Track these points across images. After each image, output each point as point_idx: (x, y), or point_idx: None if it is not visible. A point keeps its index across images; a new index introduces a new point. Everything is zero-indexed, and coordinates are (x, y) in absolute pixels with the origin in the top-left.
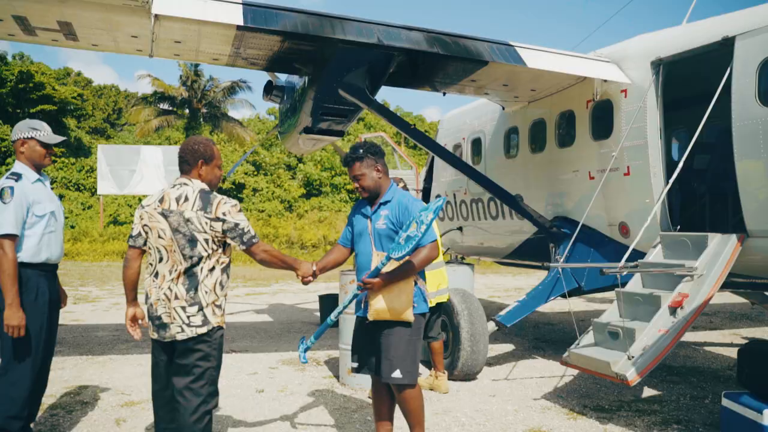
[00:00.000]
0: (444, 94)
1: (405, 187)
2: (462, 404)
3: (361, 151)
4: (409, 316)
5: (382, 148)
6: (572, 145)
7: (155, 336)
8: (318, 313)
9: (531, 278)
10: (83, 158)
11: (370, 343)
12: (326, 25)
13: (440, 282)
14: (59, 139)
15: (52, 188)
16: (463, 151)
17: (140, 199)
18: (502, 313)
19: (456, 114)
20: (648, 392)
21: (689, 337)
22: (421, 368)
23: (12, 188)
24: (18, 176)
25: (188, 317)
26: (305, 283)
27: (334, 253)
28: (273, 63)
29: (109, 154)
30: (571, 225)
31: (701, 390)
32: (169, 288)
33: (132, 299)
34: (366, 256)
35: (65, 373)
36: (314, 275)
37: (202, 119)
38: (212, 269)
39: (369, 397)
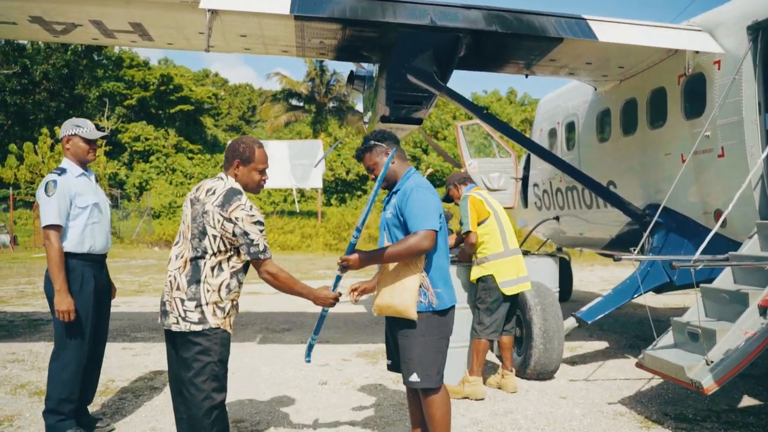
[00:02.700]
0: (527, 76)
1: (470, 179)
2: (527, 406)
3: (370, 141)
4: (410, 313)
5: (394, 133)
6: (664, 126)
7: (160, 321)
8: None
9: None
10: (218, 154)
11: (393, 341)
12: (377, 8)
13: (519, 270)
14: (100, 134)
15: (99, 182)
16: (557, 136)
17: (269, 193)
18: (584, 308)
19: (551, 97)
20: (748, 401)
21: None
22: (493, 365)
23: (55, 182)
24: (62, 171)
25: (185, 311)
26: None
27: None
28: (341, 52)
29: None
30: (665, 213)
31: None
32: (174, 276)
33: None
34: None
35: (147, 359)
36: (336, 300)
37: (327, 113)
38: (218, 268)
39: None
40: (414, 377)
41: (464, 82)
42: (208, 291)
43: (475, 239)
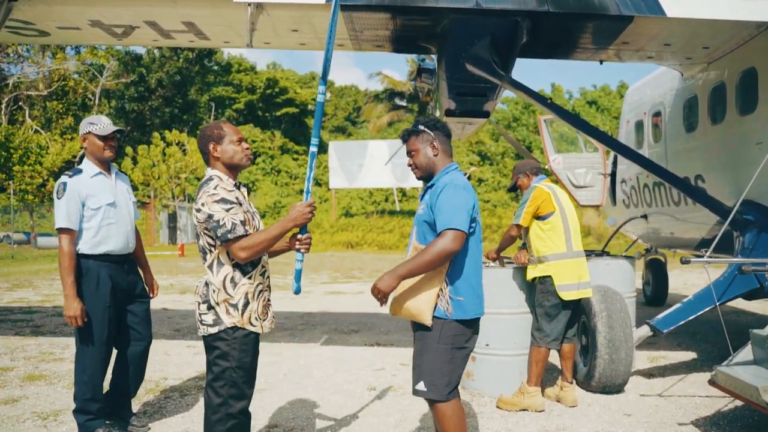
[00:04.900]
0: (601, 62)
1: (541, 170)
2: (583, 422)
3: (420, 126)
4: (424, 318)
5: (448, 126)
6: (755, 112)
7: None
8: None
9: None
10: (323, 155)
11: None
12: None
13: (582, 274)
14: (112, 129)
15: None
16: (644, 127)
17: (370, 192)
18: (660, 316)
19: (638, 87)
20: None
21: None
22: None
23: (65, 184)
24: (77, 172)
25: (200, 315)
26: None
27: None
28: (397, 43)
29: (339, 150)
30: (756, 210)
31: None
32: (201, 279)
33: None
34: (409, 246)
35: (203, 358)
36: (312, 207)
37: (431, 112)
38: (218, 263)
39: (498, 407)
40: (421, 385)
41: (577, 76)
42: (214, 291)
43: (517, 233)
